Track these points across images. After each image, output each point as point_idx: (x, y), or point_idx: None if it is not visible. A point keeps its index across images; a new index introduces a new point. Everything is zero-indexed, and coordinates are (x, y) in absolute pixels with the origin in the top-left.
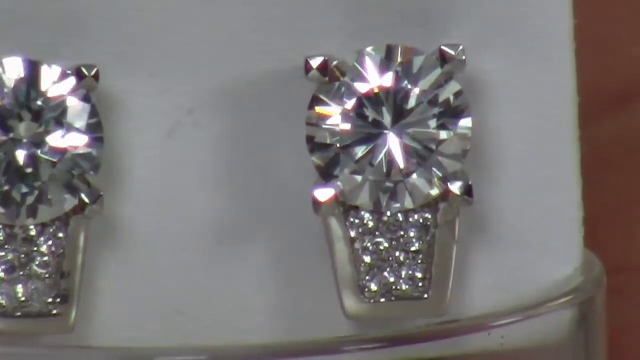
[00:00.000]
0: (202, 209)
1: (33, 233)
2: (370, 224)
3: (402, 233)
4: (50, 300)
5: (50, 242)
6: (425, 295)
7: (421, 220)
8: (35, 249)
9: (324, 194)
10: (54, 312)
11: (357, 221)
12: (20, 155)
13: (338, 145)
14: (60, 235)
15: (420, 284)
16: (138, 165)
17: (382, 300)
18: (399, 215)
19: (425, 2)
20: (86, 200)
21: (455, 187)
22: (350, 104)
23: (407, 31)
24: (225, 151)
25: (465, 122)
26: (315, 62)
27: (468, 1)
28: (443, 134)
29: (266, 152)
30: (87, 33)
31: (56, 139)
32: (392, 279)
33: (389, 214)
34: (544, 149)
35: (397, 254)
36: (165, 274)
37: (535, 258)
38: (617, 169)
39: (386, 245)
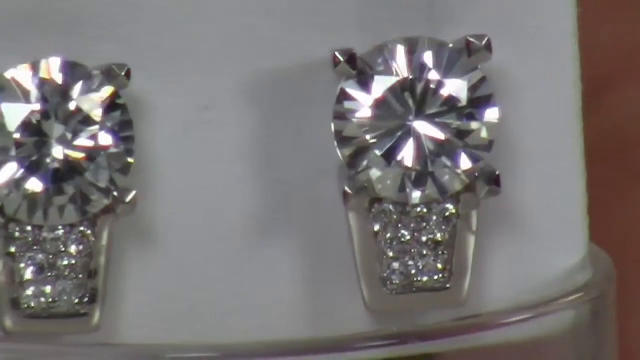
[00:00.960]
0: (223, 207)
1: (61, 233)
2: (394, 216)
3: (424, 224)
4: (77, 300)
5: (78, 242)
6: (446, 286)
7: (443, 211)
8: (64, 249)
9: (354, 186)
10: (81, 311)
11: (380, 213)
12: (51, 156)
13: (366, 138)
14: (88, 234)
15: (441, 275)
16: (155, 164)
17: (403, 292)
18: (422, 206)
19: None
20: (119, 198)
21: (483, 177)
22: (377, 96)
23: (412, 24)
24: (243, 148)
25: (492, 112)
26: (344, 55)
27: None
28: (470, 124)
29: (285, 147)
30: (102, 32)
31: (87, 139)
32: (413, 271)
33: (412, 205)
34: (548, 140)
35: (419, 245)
36: (189, 271)
37: (543, 248)
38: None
39: (408, 237)
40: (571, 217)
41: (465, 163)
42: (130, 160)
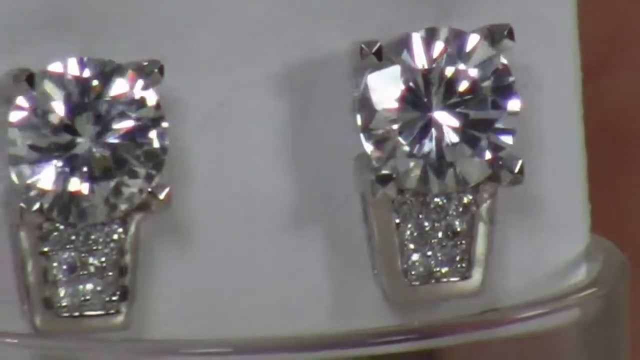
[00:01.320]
0: (246, 202)
1: (93, 231)
2: (415, 207)
3: (443, 214)
4: (108, 298)
5: (109, 240)
6: (465, 277)
7: (462, 201)
8: (95, 247)
9: (381, 177)
10: (113, 309)
11: (402, 205)
12: (88, 155)
13: (392, 128)
14: (120, 231)
15: (460, 265)
16: (176, 160)
17: (424, 282)
18: (442, 196)
19: None
20: (154, 195)
21: (507, 166)
22: (402, 87)
23: (421, 12)
24: (265, 142)
25: (514, 100)
26: (371, 47)
27: None
28: (494, 113)
29: (304, 140)
30: (119, 30)
31: (122, 136)
32: (432, 262)
33: (433, 196)
34: (549, 129)
35: (439, 236)
36: (216, 266)
37: (552, 237)
38: None
39: (428, 228)
40: (575, 206)
41: (488, 152)
42: (164, 156)
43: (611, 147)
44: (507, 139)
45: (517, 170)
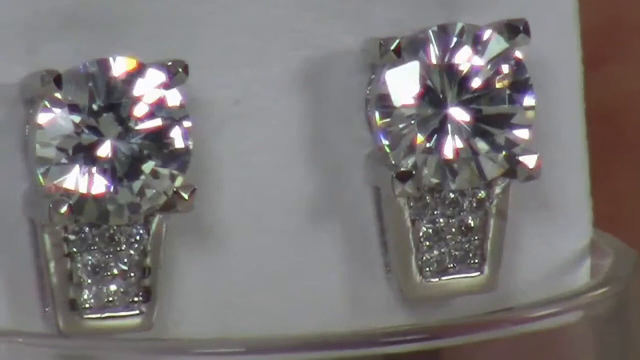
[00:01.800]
0: (265, 200)
1: (116, 232)
2: (431, 203)
3: (457, 210)
4: (132, 299)
5: (133, 240)
6: (479, 272)
7: (475, 197)
8: (119, 248)
9: (403, 175)
10: (136, 310)
11: (417, 201)
12: (112, 154)
13: (410, 123)
14: (142, 232)
15: (475, 261)
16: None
17: (439, 278)
18: (456, 192)
19: None
20: (180, 195)
21: (524, 161)
22: (418, 82)
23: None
24: (278, 140)
25: (530, 96)
26: (390, 43)
27: None
28: (510, 108)
29: (320, 138)
30: (133, 29)
31: (147, 137)
32: (447, 258)
33: (448, 192)
34: (551, 123)
35: (454, 230)
36: (239, 265)
37: (560, 231)
38: None
39: (442, 223)
40: (577, 200)
41: (504, 148)
42: (188, 156)
43: (607, 137)
44: (524, 134)
45: (533, 165)
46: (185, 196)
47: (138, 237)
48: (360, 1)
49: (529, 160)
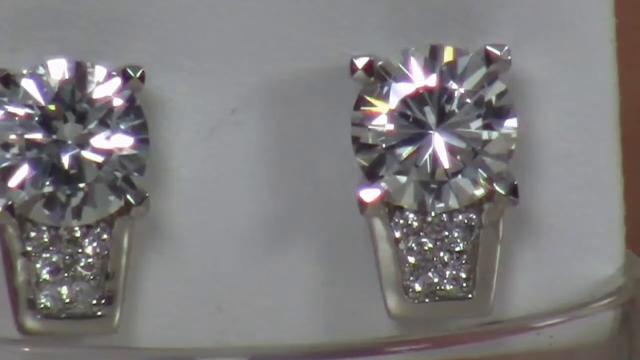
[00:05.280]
0: (244, 208)
1: (78, 234)
2: (415, 224)
3: (446, 233)
4: (94, 301)
5: (94, 244)
6: (469, 295)
7: (465, 221)
8: (80, 250)
9: (370, 194)
10: (99, 313)
11: (401, 221)
12: (65, 157)
13: (383, 146)
14: (105, 236)
15: (464, 284)
16: (179, 165)
17: (426, 300)
18: (444, 215)
19: (467, 1)
20: (132, 201)
21: (501, 187)
22: (395, 104)
23: (448, 30)
24: (268, 150)
25: (510, 122)
26: (361, 62)
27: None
28: (488, 134)
29: (308, 151)
30: (128, 32)
31: (101, 140)
32: (436, 279)
33: (433, 214)
34: (585, 147)
35: (442, 254)
36: (207, 272)
37: (577, 257)
38: None
39: (430, 245)
40: (606, 225)
41: (483, 173)
42: (144, 162)
43: None
44: (503, 160)
45: (511, 192)
46: (138, 202)
47: (101, 240)
48: (366, 16)
49: (505, 187)
